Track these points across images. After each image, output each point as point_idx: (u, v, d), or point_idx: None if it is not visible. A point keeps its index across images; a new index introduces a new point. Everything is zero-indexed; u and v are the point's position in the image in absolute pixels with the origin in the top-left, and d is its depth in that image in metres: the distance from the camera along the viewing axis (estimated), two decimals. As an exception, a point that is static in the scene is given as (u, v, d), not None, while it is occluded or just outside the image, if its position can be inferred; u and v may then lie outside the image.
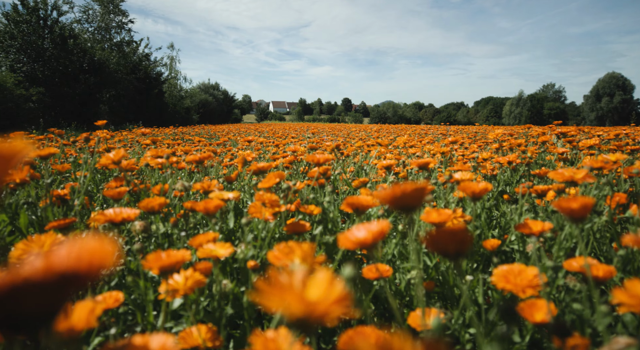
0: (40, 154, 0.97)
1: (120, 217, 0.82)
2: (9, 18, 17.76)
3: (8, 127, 14.74)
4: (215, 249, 0.65)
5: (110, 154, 0.94)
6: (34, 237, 0.72)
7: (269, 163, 1.05)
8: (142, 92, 23.88)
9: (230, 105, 43.69)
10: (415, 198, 0.46)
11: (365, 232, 0.47)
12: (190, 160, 1.04)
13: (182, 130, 10.24)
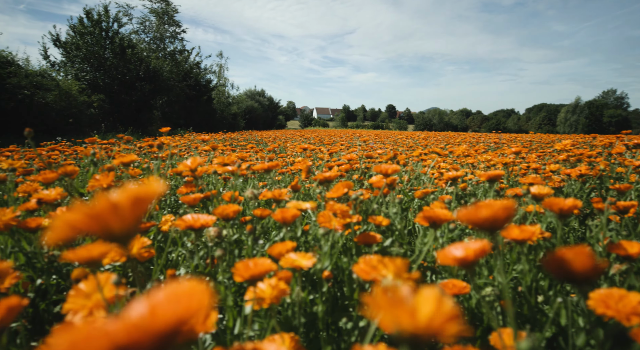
0: (123, 161, 1.03)
1: (199, 223, 0.85)
2: (75, 30, 19.10)
3: (72, 131, 15.80)
4: (298, 259, 0.66)
5: (187, 162, 0.98)
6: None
7: (335, 172, 1.06)
8: (192, 99, 24.85)
9: (275, 111, 44.52)
10: (503, 219, 0.45)
11: (465, 250, 0.46)
12: (257, 169, 1.07)
13: (230, 136, 10.54)
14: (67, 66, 19.28)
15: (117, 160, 1.04)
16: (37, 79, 15.01)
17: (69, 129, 15.85)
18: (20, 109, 13.63)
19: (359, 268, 0.57)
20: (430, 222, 0.74)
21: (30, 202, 0.95)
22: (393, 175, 1.01)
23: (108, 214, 0.32)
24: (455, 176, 1.20)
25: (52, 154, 2.77)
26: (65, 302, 0.53)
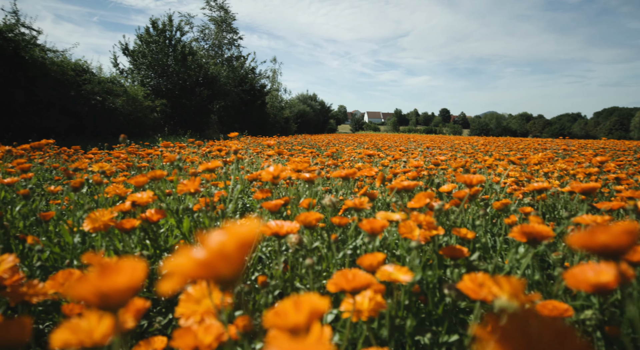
0: (209, 167, 1.08)
1: (284, 230, 0.86)
2: (142, 39, 20.37)
3: (137, 134, 16.83)
4: (395, 273, 0.65)
5: (270, 169, 1.00)
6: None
7: (415, 182, 1.04)
8: (247, 103, 25.62)
9: (327, 115, 44.84)
10: (626, 245, 0.40)
11: (603, 274, 0.42)
12: (336, 176, 1.07)
13: (284, 140, 10.74)
14: (134, 73, 20.60)
15: (202, 166, 1.09)
16: (108, 85, 16.15)
17: (134, 131, 16.89)
18: (93, 113, 14.71)
19: (466, 286, 0.55)
20: (530, 238, 0.69)
21: (125, 204, 1.01)
22: (477, 186, 0.97)
23: (217, 261, 0.32)
24: (542, 187, 1.13)
25: (128, 157, 2.94)
26: (178, 306, 0.55)
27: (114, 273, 0.28)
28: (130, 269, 0.28)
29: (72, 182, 1.10)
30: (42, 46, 13.92)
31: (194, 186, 1.00)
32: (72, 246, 1.04)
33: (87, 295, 0.27)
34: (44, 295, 0.65)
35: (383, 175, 1.27)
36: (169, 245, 1.16)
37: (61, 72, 14.03)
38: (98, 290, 0.27)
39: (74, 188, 1.10)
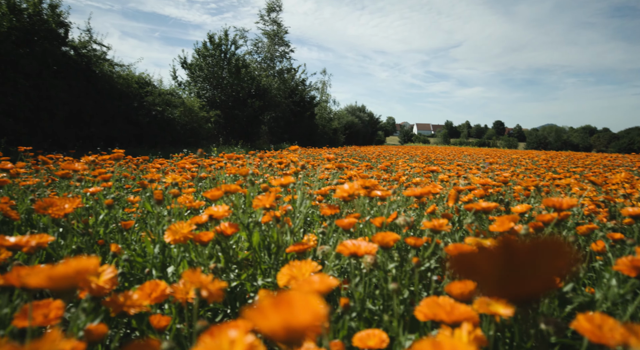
0: (282, 183, 1.09)
1: (362, 251, 0.84)
2: (199, 53, 21.38)
3: (193, 144, 17.59)
4: (494, 305, 0.61)
5: (345, 186, 0.99)
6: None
7: (494, 203, 0.99)
8: (296, 114, 26.08)
9: (375, 127, 44.62)
10: None
11: None
12: (410, 194, 1.04)
13: (334, 151, 10.78)
14: (191, 85, 21.61)
15: (277, 181, 1.10)
16: (167, 97, 17.04)
17: (190, 141, 17.67)
18: (153, 123, 15.54)
19: (582, 326, 0.50)
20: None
21: (202, 217, 1.04)
22: (567, 210, 0.91)
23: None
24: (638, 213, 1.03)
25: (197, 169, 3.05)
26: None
27: (295, 308, 0.28)
28: (311, 306, 0.28)
29: (155, 195, 1.15)
30: (111, 61, 14.96)
31: (269, 202, 1.01)
32: (153, 256, 1.08)
33: (276, 328, 0.27)
34: (139, 307, 0.67)
35: (456, 194, 1.23)
36: (239, 259, 1.18)
37: (126, 84, 14.99)
38: (287, 325, 0.27)
39: (158, 201, 1.14)
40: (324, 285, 0.49)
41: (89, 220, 1.38)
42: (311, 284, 0.50)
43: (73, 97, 12.30)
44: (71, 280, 0.35)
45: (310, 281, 0.50)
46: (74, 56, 12.84)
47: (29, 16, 11.39)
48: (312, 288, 0.48)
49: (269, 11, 27.27)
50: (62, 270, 0.35)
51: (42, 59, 11.32)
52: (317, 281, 0.50)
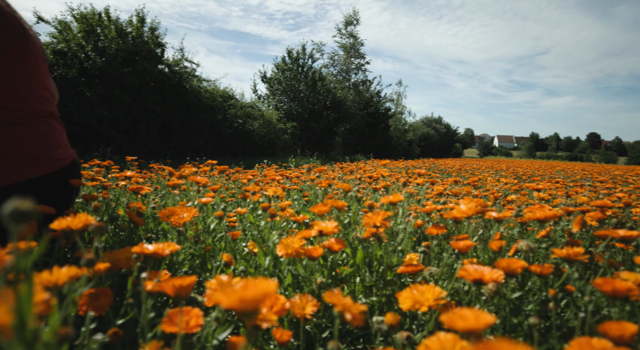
0: (392, 201, 1.07)
1: (488, 277, 0.79)
2: (278, 67, 22.29)
3: (270, 154, 18.28)
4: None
5: (462, 207, 0.95)
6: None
7: (636, 232, 0.88)
8: (370, 126, 26.02)
9: (452, 139, 43.10)
10: None
11: None
12: (531, 218, 0.96)
13: (411, 164, 10.55)
14: (270, 98, 22.55)
15: (385, 199, 1.08)
16: (248, 109, 17.93)
17: (267, 151, 18.39)
18: (235, 134, 16.43)
19: None
20: None
21: (311, 232, 1.05)
22: None
23: None
24: None
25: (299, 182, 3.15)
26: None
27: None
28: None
29: (270, 210, 1.19)
30: (199, 77, 16.11)
31: (379, 220, 0.99)
32: (264, 268, 1.12)
33: None
34: (269, 321, 0.68)
35: (582, 219, 1.12)
36: (343, 275, 1.17)
37: (212, 98, 16.04)
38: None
39: (272, 215, 1.19)
40: (480, 323, 0.45)
41: (199, 228, 1.47)
42: (465, 319, 0.46)
43: (166, 110, 13.43)
44: (258, 303, 0.36)
45: (464, 316, 0.47)
46: (168, 73, 14.04)
47: (133, 39, 12.70)
48: (467, 325, 0.45)
49: (346, 24, 27.72)
50: (252, 293, 0.36)
51: (142, 77, 12.53)
52: (471, 316, 0.47)
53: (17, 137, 1.24)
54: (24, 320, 0.31)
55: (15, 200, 0.30)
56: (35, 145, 1.29)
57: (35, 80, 1.31)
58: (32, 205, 0.30)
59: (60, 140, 1.39)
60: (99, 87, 11.51)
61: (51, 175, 1.31)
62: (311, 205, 2.41)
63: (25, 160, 1.26)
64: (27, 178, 1.26)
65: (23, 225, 0.30)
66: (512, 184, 3.68)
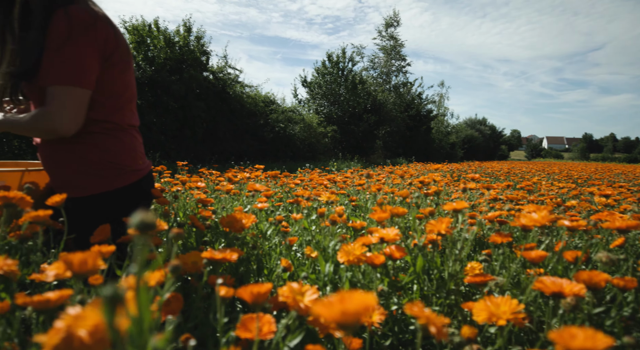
0: (456, 208, 1.04)
1: (569, 291, 0.75)
2: (318, 72, 22.43)
3: (310, 158, 18.38)
4: None
5: (534, 215, 0.90)
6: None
7: None
8: (411, 129, 25.60)
9: (497, 141, 41.59)
10: None
11: None
12: (610, 227, 0.90)
13: (456, 167, 10.27)
14: (310, 102, 22.72)
15: (448, 206, 1.06)
16: (289, 114, 18.15)
17: (308, 155, 18.51)
18: (277, 139, 16.67)
19: None
20: None
21: (371, 239, 1.04)
22: None
23: None
24: None
25: (319, 180, 3.15)
26: None
27: None
28: None
29: (331, 216, 1.20)
30: (242, 83, 16.48)
31: (443, 227, 0.97)
32: (324, 274, 1.12)
33: None
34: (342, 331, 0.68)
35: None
36: (403, 283, 1.15)
37: (254, 104, 16.37)
38: None
39: (333, 221, 1.19)
40: (599, 344, 0.42)
41: (255, 232, 1.49)
42: (574, 338, 0.43)
43: (210, 116, 13.85)
44: (359, 315, 0.36)
45: (574, 335, 0.44)
46: (213, 80, 14.49)
47: (180, 48, 13.22)
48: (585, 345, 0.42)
49: (386, 26, 27.51)
50: (354, 306, 0.35)
51: (188, 84, 13.00)
52: (582, 336, 0.44)
53: (105, 148, 1.29)
54: (142, 326, 0.32)
55: (140, 213, 0.31)
56: (121, 156, 1.33)
57: (130, 92, 1.38)
58: (155, 218, 0.31)
59: (140, 151, 1.43)
60: (148, 95, 12.04)
61: (134, 184, 1.36)
62: (360, 210, 2.39)
63: (111, 171, 1.30)
64: (113, 188, 1.30)
65: (146, 236, 0.31)
66: (569, 189, 3.49)
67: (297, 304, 0.69)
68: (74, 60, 1.16)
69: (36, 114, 1.18)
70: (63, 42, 1.14)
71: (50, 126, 1.17)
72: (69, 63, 1.16)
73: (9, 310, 0.67)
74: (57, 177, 1.32)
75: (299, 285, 0.79)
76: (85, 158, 1.27)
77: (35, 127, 1.19)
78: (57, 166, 1.30)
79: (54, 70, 1.15)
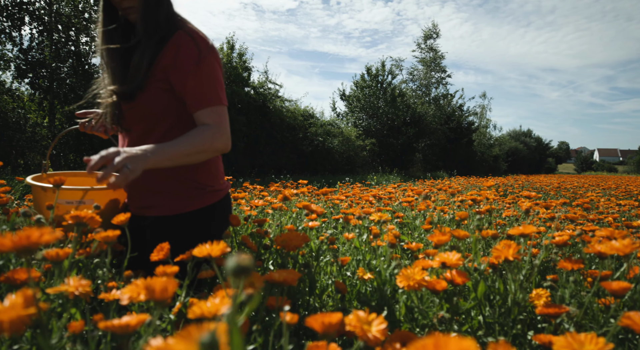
0: (524, 232, 0.98)
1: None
2: (357, 85, 22.48)
3: (349, 171, 18.34)
4: None
5: (615, 243, 0.83)
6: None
7: None
8: (452, 141, 25.04)
9: (544, 153, 39.86)
10: None
11: None
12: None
13: (502, 181, 9.89)
14: (348, 116, 22.76)
15: (515, 230, 1.00)
16: (328, 127, 18.25)
17: (346, 168, 18.47)
18: (315, 152, 16.78)
19: None
20: None
21: (432, 263, 1.00)
22: None
23: None
24: None
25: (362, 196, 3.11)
26: None
27: None
28: None
29: (390, 239, 1.17)
30: (282, 97, 16.78)
31: (510, 253, 0.91)
32: (380, 298, 1.08)
33: None
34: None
35: None
36: (464, 310, 1.10)
37: (293, 117, 16.60)
38: None
39: (392, 245, 1.16)
40: None
41: (305, 251, 1.48)
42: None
43: (251, 130, 14.17)
44: None
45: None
46: (254, 95, 14.85)
47: (223, 65, 13.67)
48: None
49: (425, 38, 27.27)
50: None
51: (231, 99, 13.39)
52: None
53: (194, 167, 1.26)
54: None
55: (238, 256, 0.30)
56: (204, 176, 1.31)
57: None
58: (252, 261, 0.30)
59: (221, 170, 1.41)
60: (193, 111, 12.49)
61: (215, 205, 1.33)
62: (407, 228, 2.33)
63: (194, 191, 1.28)
64: (193, 209, 1.28)
65: (243, 279, 0.30)
66: (631, 206, 3.25)
67: (365, 334, 0.66)
68: (214, 80, 1.19)
69: (205, 133, 1.14)
70: (196, 65, 1.15)
71: (224, 143, 1.18)
72: (210, 83, 1.17)
73: (82, 329, 0.69)
74: (136, 195, 1.31)
75: (365, 313, 0.76)
76: (169, 177, 1.26)
77: (212, 146, 1.15)
78: (138, 184, 1.24)
79: (201, 94, 1.16)
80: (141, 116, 1.23)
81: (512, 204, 2.77)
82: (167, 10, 1.21)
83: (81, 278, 0.71)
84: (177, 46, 1.15)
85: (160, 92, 1.20)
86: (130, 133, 1.29)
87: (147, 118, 1.24)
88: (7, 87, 11.30)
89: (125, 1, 1.16)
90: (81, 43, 11.86)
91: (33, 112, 11.73)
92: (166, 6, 1.21)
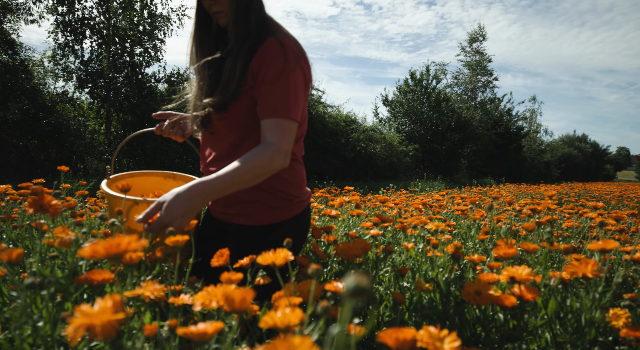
0: (605, 248, 0.92)
1: None
2: (400, 90, 22.21)
3: (391, 177, 18.10)
4: None
5: None
6: None
7: None
8: (499, 147, 24.14)
9: (601, 159, 37.50)
10: None
11: None
12: None
13: (557, 189, 9.37)
14: (391, 121, 22.52)
15: (594, 245, 0.94)
16: (370, 133, 18.13)
17: (388, 174, 18.24)
18: (358, 158, 16.71)
19: None
20: None
21: (497, 277, 0.96)
22: None
23: None
24: None
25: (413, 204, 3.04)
26: None
27: None
28: None
29: (455, 252, 1.13)
30: (324, 103, 16.87)
31: (589, 270, 0.85)
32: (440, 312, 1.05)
33: None
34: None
35: None
36: (531, 327, 1.04)
37: (335, 123, 16.62)
38: None
39: (456, 257, 1.13)
40: None
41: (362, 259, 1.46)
42: None
43: (295, 136, 14.30)
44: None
45: None
46: (297, 101, 15.01)
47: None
48: None
49: (470, 41, 26.50)
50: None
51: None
52: None
53: (279, 177, 1.21)
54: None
55: (356, 276, 0.29)
56: (291, 186, 1.26)
57: (306, 123, 1.33)
58: (370, 282, 0.29)
59: (305, 180, 1.35)
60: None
61: (300, 215, 1.29)
62: (460, 238, 2.25)
63: (282, 202, 1.24)
64: (280, 220, 1.24)
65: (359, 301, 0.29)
66: None
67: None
68: (290, 93, 1.10)
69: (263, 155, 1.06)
70: (278, 76, 1.09)
71: (282, 163, 1.09)
72: (284, 94, 1.09)
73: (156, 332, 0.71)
74: (222, 201, 1.26)
75: (436, 330, 0.73)
76: (260, 189, 1.20)
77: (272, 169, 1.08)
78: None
79: (272, 103, 1.09)
80: (233, 126, 1.19)
81: (572, 214, 2.61)
82: (259, 14, 1.15)
83: (154, 282, 0.73)
84: (266, 52, 1.10)
85: (254, 102, 1.14)
86: (219, 143, 1.25)
87: (240, 128, 1.19)
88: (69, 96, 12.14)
89: (214, 5, 1.12)
90: (135, 54, 12.56)
91: (91, 119, 12.52)
92: (257, 9, 1.15)
